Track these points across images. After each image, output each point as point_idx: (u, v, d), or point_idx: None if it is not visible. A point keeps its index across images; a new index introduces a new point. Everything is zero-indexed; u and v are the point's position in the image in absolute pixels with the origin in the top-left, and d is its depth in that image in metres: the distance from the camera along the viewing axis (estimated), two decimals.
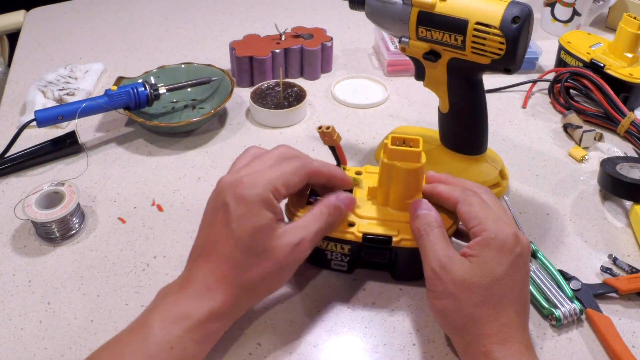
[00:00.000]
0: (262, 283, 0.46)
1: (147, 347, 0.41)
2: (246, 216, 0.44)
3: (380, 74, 0.89)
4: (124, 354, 0.42)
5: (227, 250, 0.45)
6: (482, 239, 0.45)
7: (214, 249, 0.45)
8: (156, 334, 0.42)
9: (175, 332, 0.42)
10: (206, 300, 0.44)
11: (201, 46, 0.97)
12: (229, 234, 0.45)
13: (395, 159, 0.51)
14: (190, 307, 0.44)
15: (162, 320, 0.43)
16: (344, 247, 0.53)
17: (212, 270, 0.45)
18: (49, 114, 0.69)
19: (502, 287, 0.44)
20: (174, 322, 0.43)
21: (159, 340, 0.42)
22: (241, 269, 0.45)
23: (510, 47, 0.52)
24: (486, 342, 0.43)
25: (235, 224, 0.44)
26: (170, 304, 0.44)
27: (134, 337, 0.43)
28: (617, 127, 0.75)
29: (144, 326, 0.43)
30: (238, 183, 0.45)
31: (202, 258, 0.46)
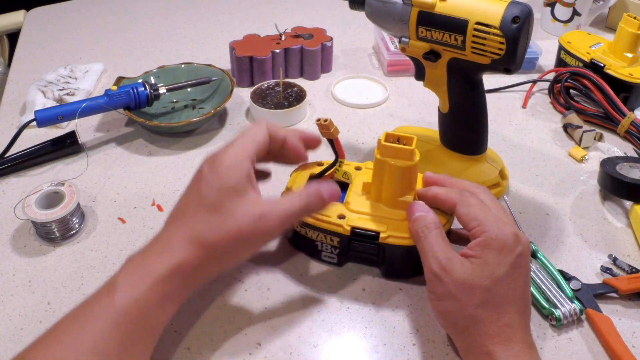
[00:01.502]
0: (225, 246, 0.46)
1: (114, 303, 0.42)
2: (215, 177, 0.46)
3: (380, 74, 0.89)
4: (94, 312, 0.42)
5: (193, 210, 0.46)
6: (483, 240, 0.45)
7: (183, 210, 0.47)
8: (121, 290, 0.43)
9: (139, 287, 0.43)
10: (168, 256, 0.44)
11: (201, 46, 0.97)
12: (198, 195, 0.46)
13: (388, 156, 0.51)
14: (153, 263, 0.44)
15: (126, 276, 0.44)
16: (334, 239, 0.53)
17: (177, 228, 0.46)
18: (49, 114, 0.69)
19: (504, 287, 0.44)
20: (138, 278, 0.44)
21: (124, 296, 0.42)
22: (204, 227, 0.45)
23: (510, 47, 0.52)
24: (488, 343, 0.43)
25: (204, 183, 0.46)
26: (135, 262, 0.45)
27: (102, 296, 0.43)
28: (617, 127, 0.75)
29: (111, 286, 0.44)
30: (215, 154, 0.48)
31: (171, 220, 0.48)
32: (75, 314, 0.43)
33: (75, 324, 0.42)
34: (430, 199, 0.51)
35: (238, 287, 0.54)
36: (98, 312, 0.42)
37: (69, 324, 0.43)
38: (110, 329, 0.41)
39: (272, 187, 0.57)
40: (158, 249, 0.45)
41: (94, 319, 0.42)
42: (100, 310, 0.42)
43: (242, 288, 0.54)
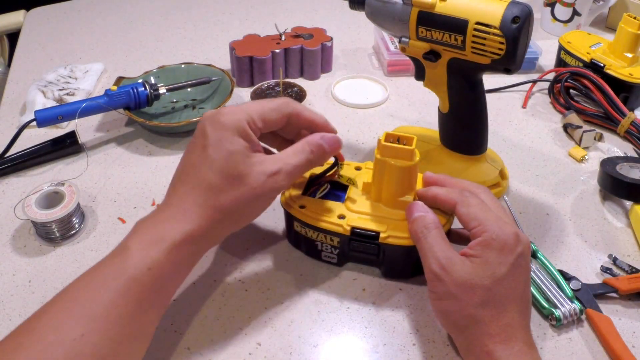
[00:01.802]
0: (237, 208, 0.46)
1: (126, 269, 0.42)
2: (222, 141, 0.46)
3: (380, 74, 0.89)
4: (105, 277, 0.42)
5: (203, 174, 0.46)
6: (483, 240, 0.45)
7: (191, 173, 0.47)
8: (134, 256, 0.43)
9: (152, 254, 0.43)
10: (181, 222, 0.45)
11: (201, 46, 0.97)
12: (206, 158, 0.46)
13: (388, 156, 0.51)
14: (166, 229, 0.44)
15: (139, 243, 0.44)
16: (334, 239, 0.54)
17: (188, 193, 0.46)
18: (49, 114, 0.69)
19: (505, 287, 0.44)
20: (151, 244, 0.44)
21: (137, 262, 0.42)
22: (216, 191, 0.46)
23: (510, 47, 0.52)
24: (489, 342, 0.43)
25: (212, 148, 0.46)
26: (147, 228, 0.45)
27: (114, 260, 0.44)
28: (617, 127, 0.75)
29: (123, 250, 0.44)
30: (217, 112, 0.48)
31: (180, 183, 0.48)
32: (86, 279, 0.43)
33: (87, 289, 0.42)
34: (430, 199, 0.51)
35: (238, 287, 0.54)
36: (110, 278, 0.42)
37: (80, 289, 0.42)
38: (122, 295, 0.41)
39: None
40: (170, 215, 0.45)
41: (106, 284, 0.42)
42: (112, 275, 0.42)
43: (242, 288, 0.54)
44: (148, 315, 0.43)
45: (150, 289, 0.43)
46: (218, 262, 0.57)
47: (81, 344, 0.39)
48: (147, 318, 0.43)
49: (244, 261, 0.57)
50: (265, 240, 0.59)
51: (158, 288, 0.44)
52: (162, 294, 0.45)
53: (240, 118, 0.48)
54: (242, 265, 0.57)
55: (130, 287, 0.42)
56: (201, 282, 0.55)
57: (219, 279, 0.55)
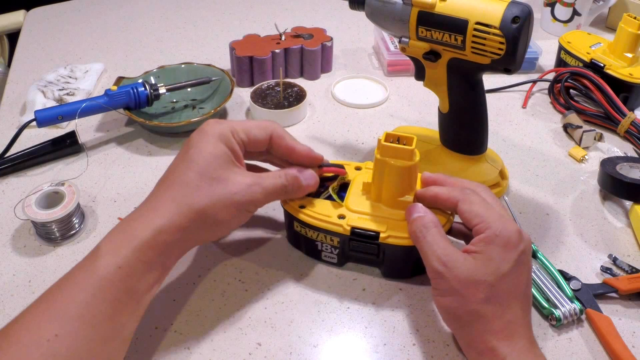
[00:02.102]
0: (213, 210, 0.46)
1: (97, 268, 0.42)
2: (203, 144, 0.48)
3: (380, 74, 0.89)
4: (78, 278, 0.43)
5: (181, 173, 0.47)
6: (487, 236, 0.46)
7: (170, 174, 0.48)
8: (104, 255, 0.43)
9: (122, 252, 0.43)
10: (154, 218, 0.45)
11: (201, 46, 0.97)
12: (186, 159, 0.48)
13: (388, 156, 0.51)
14: (137, 227, 0.44)
15: (110, 242, 0.44)
16: (334, 239, 0.54)
17: (164, 190, 0.47)
18: (49, 114, 0.69)
19: (508, 283, 0.44)
20: (121, 243, 0.44)
21: (107, 261, 0.43)
22: (193, 189, 0.46)
23: (510, 47, 0.52)
24: (492, 338, 0.43)
25: (193, 150, 0.48)
26: (120, 227, 0.45)
27: (87, 262, 0.44)
28: (617, 127, 0.75)
29: (95, 251, 0.44)
30: (203, 125, 0.50)
31: (160, 184, 0.49)
32: (62, 281, 0.43)
33: (62, 291, 0.42)
34: (431, 198, 0.51)
35: (238, 287, 0.54)
36: (82, 279, 0.42)
37: (55, 291, 0.43)
38: (94, 295, 0.42)
39: None
40: (144, 212, 0.46)
41: (79, 286, 0.42)
42: (84, 277, 0.43)
43: (242, 288, 0.54)
44: (122, 316, 0.43)
45: (121, 289, 0.43)
46: (218, 262, 0.57)
47: (56, 345, 0.39)
48: (121, 319, 0.43)
49: (244, 261, 0.57)
50: (265, 240, 0.59)
51: (129, 287, 0.43)
52: (134, 293, 0.44)
53: (224, 127, 0.49)
54: (242, 265, 0.57)
55: (102, 286, 0.42)
56: (201, 282, 0.55)
57: (219, 279, 0.55)
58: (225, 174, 0.47)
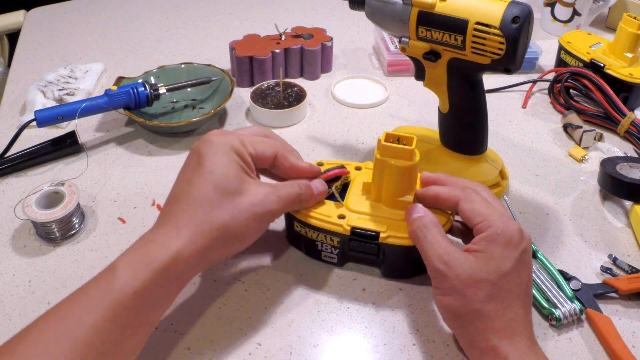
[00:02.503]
0: (234, 225, 0.45)
1: (112, 292, 0.41)
2: (218, 157, 0.46)
3: (380, 74, 0.89)
4: (91, 299, 0.41)
5: (199, 187, 0.45)
6: (488, 235, 0.46)
7: (185, 190, 0.46)
8: (120, 277, 0.41)
9: (139, 276, 0.41)
10: (173, 240, 0.43)
11: (201, 46, 0.97)
12: (202, 172, 0.45)
13: (388, 156, 0.51)
14: (155, 250, 0.43)
15: (127, 263, 0.42)
16: (334, 239, 0.54)
17: (182, 210, 0.45)
18: (49, 114, 0.69)
19: (509, 282, 0.44)
20: (139, 266, 0.42)
21: (123, 285, 0.41)
22: (213, 205, 0.44)
23: (510, 47, 0.52)
24: (493, 337, 0.43)
25: (209, 161, 0.46)
26: (138, 248, 0.43)
27: (101, 281, 0.42)
28: (617, 127, 0.75)
29: (111, 271, 0.42)
30: (207, 135, 0.48)
31: (173, 201, 0.46)
32: (73, 299, 0.42)
33: (72, 311, 0.41)
34: (432, 198, 0.51)
35: (238, 287, 0.54)
36: (96, 301, 0.41)
37: (66, 309, 0.41)
38: (106, 319, 0.40)
39: None
40: (162, 234, 0.44)
41: (92, 307, 0.40)
42: (98, 297, 0.41)
43: (242, 288, 0.54)
44: (132, 341, 0.42)
45: (135, 314, 0.41)
46: (218, 262, 0.57)
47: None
48: (131, 344, 0.42)
49: (244, 261, 0.57)
50: (265, 240, 0.59)
51: (144, 313, 0.42)
52: (147, 319, 0.43)
53: (233, 138, 0.48)
54: (242, 265, 0.57)
55: (115, 311, 0.40)
56: (201, 282, 0.55)
57: (219, 279, 0.55)
58: (243, 186, 0.46)
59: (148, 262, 0.42)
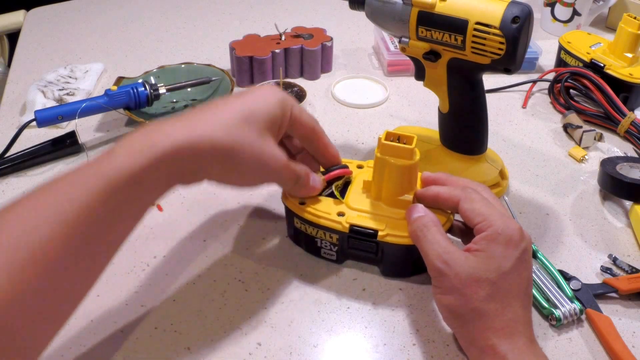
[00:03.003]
0: (243, 157, 0.45)
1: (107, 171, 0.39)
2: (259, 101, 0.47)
3: (380, 74, 0.89)
4: (85, 176, 0.40)
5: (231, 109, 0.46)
6: (489, 234, 0.46)
7: (222, 105, 0.47)
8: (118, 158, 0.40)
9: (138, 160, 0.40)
10: (185, 128, 0.43)
11: (201, 46, 0.97)
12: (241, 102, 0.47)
13: (388, 155, 0.51)
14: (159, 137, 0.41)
15: (127, 147, 0.41)
16: (333, 236, 0.54)
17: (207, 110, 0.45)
18: (49, 114, 0.69)
19: (509, 281, 0.44)
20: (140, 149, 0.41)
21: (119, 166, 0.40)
22: (235, 126, 0.45)
23: (510, 47, 0.52)
24: (492, 336, 0.43)
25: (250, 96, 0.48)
26: (141, 134, 0.42)
27: (97, 162, 0.41)
28: (617, 127, 0.75)
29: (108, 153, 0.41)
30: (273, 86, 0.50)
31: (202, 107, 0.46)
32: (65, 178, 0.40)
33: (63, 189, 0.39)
34: (432, 197, 0.52)
35: (238, 287, 0.54)
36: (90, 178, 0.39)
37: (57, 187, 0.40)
38: (99, 199, 0.39)
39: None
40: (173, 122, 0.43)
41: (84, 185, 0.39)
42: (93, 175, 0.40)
43: (242, 288, 0.54)
44: (118, 229, 0.41)
45: (127, 199, 0.40)
46: (218, 262, 0.57)
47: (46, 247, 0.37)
48: (117, 233, 0.41)
49: (244, 261, 0.57)
50: (265, 240, 0.59)
51: (136, 199, 0.41)
52: (137, 206, 0.42)
53: (287, 97, 0.49)
54: (242, 265, 0.57)
55: (109, 192, 0.39)
56: (201, 282, 0.55)
57: (219, 279, 0.55)
58: (265, 133, 0.46)
59: (150, 146, 0.41)
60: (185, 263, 0.56)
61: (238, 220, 0.61)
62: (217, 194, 0.65)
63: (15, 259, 0.36)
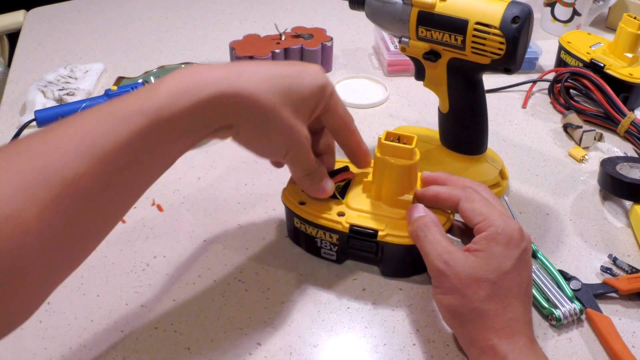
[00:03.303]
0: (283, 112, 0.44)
1: (148, 109, 0.39)
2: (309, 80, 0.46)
3: (380, 74, 0.89)
4: (125, 110, 0.39)
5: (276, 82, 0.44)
6: (489, 234, 0.46)
7: (269, 63, 0.46)
8: (160, 98, 0.39)
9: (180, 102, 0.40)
10: (231, 77, 0.42)
11: (201, 46, 0.97)
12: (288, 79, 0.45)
13: (388, 154, 0.51)
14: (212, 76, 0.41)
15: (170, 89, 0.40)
16: (333, 236, 0.54)
17: (256, 64, 0.45)
18: (49, 114, 0.69)
19: (510, 281, 0.44)
20: (181, 92, 0.40)
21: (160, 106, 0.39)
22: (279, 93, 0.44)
23: (510, 47, 0.52)
24: (493, 336, 0.43)
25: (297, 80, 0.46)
26: (189, 72, 0.41)
27: (139, 97, 0.40)
28: (617, 127, 0.75)
29: (151, 89, 0.40)
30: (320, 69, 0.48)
31: (253, 63, 0.46)
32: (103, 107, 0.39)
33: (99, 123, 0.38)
34: (432, 197, 0.52)
35: (238, 287, 0.54)
36: (130, 114, 0.38)
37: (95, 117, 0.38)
38: (137, 136, 0.38)
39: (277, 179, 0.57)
40: (218, 66, 0.43)
41: (124, 119, 0.38)
42: (133, 111, 0.39)
43: (242, 288, 0.54)
44: (149, 170, 0.41)
45: (161, 141, 0.40)
46: (218, 262, 0.57)
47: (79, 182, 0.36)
48: (147, 174, 0.41)
49: (244, 261, 0.57)
50: (265, 240, 0.59)
51: (170, 141, 0.41)
52: (171, 148, 0.42)
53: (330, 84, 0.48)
54: (242, 265, 0.57)
55: (146, 130, 0.38)
56: (201, 282, 0.55)
57: (219, 279, 0.55)
58: (300, 111, 0.46)
59: (196, 88, 0.40)
60: (185, 263, 0.56)
61: (238, 220, 0.61)
62: (217, 194, 0.65)
63: (47, 191, 0.35)
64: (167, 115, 0.39)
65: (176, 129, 0.40)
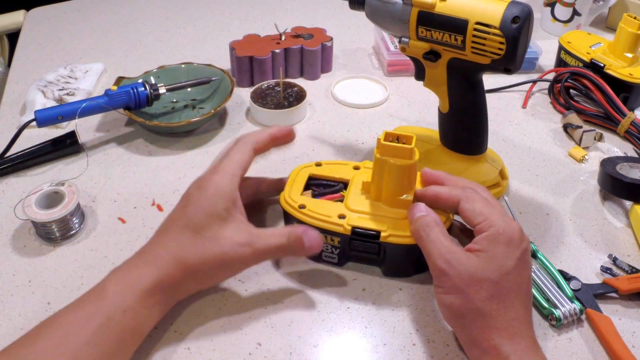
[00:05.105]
0: (205, 270, 0.48)
1: (103, 308, 0.44)
2: (202, 202, 0.49)
3: (380, 74, 0.89)
4: (81, 316, 0.44)
5: (179, 229, 0.49)
6: (490, 234, 0.46)
7: (170, 227, 0.50)
8: (111, 297, 0.45)
9: (128, 296, 0.45)
10: (154, 268, 0.47)
11: (201, 46, 0.97)
12: (184, 216, 0.49)
13: (387, 155, 0.51)
14: (141, 273, 0.47)
15: (116, 284, 0.46)
16: (334, 239, 0.54)
17: (163, 243, 0.49)
18: (49, 114, 0.69)
19: (511, 281, 0.45)
20: (127, 286, 0.46)
21: (114, 303, 0.45)
22: (188, 249, 0.48)
23: (510, 47, 0.52)
24: (495, 336, 0.44)
25: (192, 207, 0.49)
26: (124, 270, 0.47)
27: (92, 299, 0.45)
28: (617, 127, 0.75)
29: (100, 290, 0.46)
30: (202, 178, 0.51)
31: (159, 233, 0.50)
32: (68, 314, 0.45)
33: (69, 324, 0.44)
34: (431, 198, 0.52)
35: (238, 287, 0.54)
36: (90, 315, 0.44)
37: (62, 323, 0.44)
38: (101, 333, 0.43)
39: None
40: (145, 260, 0.48)
41: (86, 320, 0.44)
42: (91, 312, 0.44)
43: (242, 288, 0.54)
44: (125, 350, 0.45)
45: (125, 331, 0.45)
46: None
47: None
48: (124, 352, 0.45)
49: None
50: None
51: (133, 330, 0.45)
52: (135, 336, 0.46)
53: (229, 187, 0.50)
54: None
55: (108, 326, 0.44)
56: None
57: None
58: (220, 233, 0.48)
59: (134, 284, 0.46)
60: None
61: None
62: None
63: None
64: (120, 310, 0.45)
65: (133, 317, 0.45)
